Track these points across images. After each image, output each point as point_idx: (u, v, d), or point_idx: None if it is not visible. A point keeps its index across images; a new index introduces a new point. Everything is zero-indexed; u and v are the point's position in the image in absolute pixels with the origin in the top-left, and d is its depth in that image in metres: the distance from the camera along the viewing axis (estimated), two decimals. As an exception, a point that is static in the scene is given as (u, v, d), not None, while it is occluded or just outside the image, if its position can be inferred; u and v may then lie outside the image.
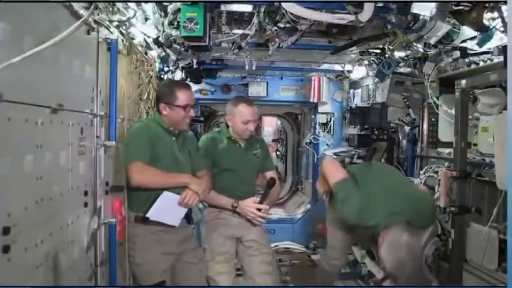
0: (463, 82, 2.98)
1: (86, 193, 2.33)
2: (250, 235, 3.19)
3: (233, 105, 3.13)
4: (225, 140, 3.16)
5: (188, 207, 2.62)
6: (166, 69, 4.19)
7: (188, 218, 2.90)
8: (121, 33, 2.90)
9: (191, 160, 2.81)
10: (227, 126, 3.18)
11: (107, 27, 2.65)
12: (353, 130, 5.62)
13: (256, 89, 6.16)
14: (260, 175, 3.36)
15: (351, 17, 2.72)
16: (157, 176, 2.58)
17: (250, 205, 3.05)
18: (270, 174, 3.31)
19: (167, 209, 2.60)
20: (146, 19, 3.18)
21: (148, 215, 2.57)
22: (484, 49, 3.10)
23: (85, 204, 2.34)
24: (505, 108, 2.75)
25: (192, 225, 3.27)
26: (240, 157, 3.17)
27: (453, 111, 3.29)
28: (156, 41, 3.45)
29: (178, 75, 5.09)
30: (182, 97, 2.68)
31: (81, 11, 2.11)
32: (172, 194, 2.58)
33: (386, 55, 4.05)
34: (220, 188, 3.07)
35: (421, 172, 3.87)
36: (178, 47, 3.63)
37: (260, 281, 3.15)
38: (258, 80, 6.16)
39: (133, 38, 3.17)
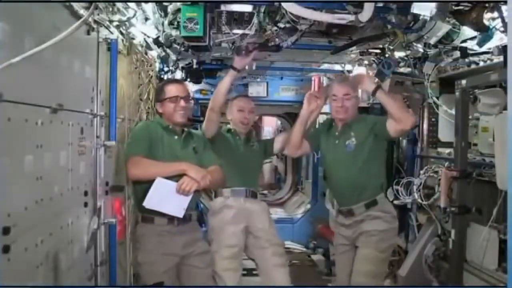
0: (464, 81, 2.98)
1: (86, 193, 2.33)
2: (259, 224, 3.19)
3: (231, 100, 3.44)
4: (228, 134, 3.34)
5: (187, 194, 2.51)
6: (166, 69, 4.19)
7: (199, 220, 2.90)
8: (121, 33, 2.91)
9: (196, 158, 2.79)
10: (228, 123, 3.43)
11: (107, 27, 2.65)
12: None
13: (256, 89, 6.15)
14: (261, 175, 3.44)
15: (351, 17, 2.71)
16: (152, 165, 2.56)
17: None
18: (278, 138, 3.54)
19: (164, 198, 2.50)
20: (146, 19, 3.18)
21: (144, 203, 2.50)
22: (484, 49, 3.09)
23: (85, 204, 2.35)
24: (505, 108, 2.75)
25: (204, 228, 3.27)
26: (240, 150, 3.29)
27: (453, 111, 3.29)
28: (156, 41, 3.45)
29: (178, 75, 5.09)
30: (168, 89, 2.76)
31: (81, 11, 2.11)
32: (167, 181, 2.50)
33: (386, 55, 4.05)
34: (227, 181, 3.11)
35: (421, 172, 3.87)
36: (178, 47, 3.63)
37: (275, 275, 3.14)
38: (258, 80, 6.15)
39: (133, 38, 3.18)
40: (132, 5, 2.80)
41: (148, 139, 2.64)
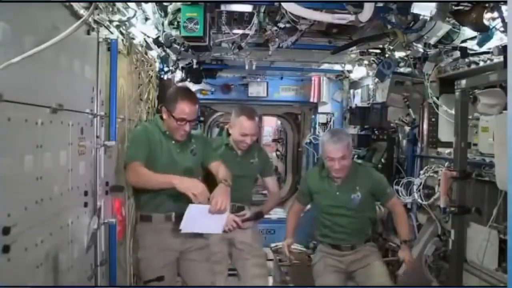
0: (463, 82, 2.98)
1: (86, 193, 2.34)
2: (242, 237, 3.22)
3: (236, 115, 3.17)
4: (223, 146, 3.22)
5: (222, 212, 2.55)
6: (166, 69, 4.19)
7: None
8: (121, 33, 2.91)
9: (195, 160, 2.80)
10: (228, 134, 3.24)
11: (107, 27, 2.65)
12: (353, 130, 5.61)
13: (256, 89, 6.15)
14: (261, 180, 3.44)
15: (351, 17, 2.72)
16: (146, 176, 2.54)
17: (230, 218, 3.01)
18: (268, 180, 3.45)
19: (198, 220, 2.55)
20: (146, 19, 3.18)
21: (180, 227, 2.54)
22: (484, 49, 3.09)
23: (85, 204, 2.35)
24: (505, 108, 2.75)
25: None
26: (235, 164, 3.15)
27: (453, 111, 3.29)
28: (156, 41, 3.45)
29: (178, 75, 5.09)
30: (179, 109, 2.62)
31: (81, 11, 2.11)
32: (199, 205, 2.50)
33: (386, 55, 4.05)
34: None
35: (421, 172, 3.87)
36: (178, 47, 3.63)
37: (254, 284, 3.20)
38: (258, 80, 6.16)
39: (133, 38, 3.17)
40: (132, 5, 2.80)
41: (147, 144, 2.64)
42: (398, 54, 3.97)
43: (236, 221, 3.03)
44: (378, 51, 4.17)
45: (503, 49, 2.71)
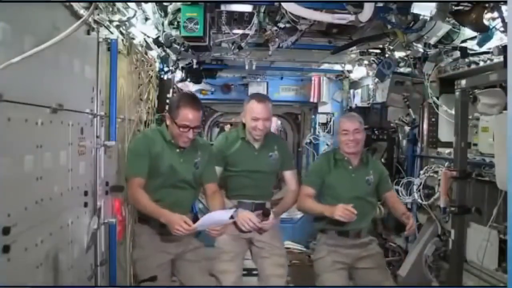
0: (463, 82, 2.98)
1: (86, 193, 2.34)
2: (260, 236, 3.11)
3: (246, 102, 3.04)
4: (239, 140, 3.07)
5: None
6: (166, 69, 4.19)
7: (194, 222, 2.94)
8: (121, 33, 2.91)
9: (197, 172, 2.77)
10: (244, 126, 3.08)
11: (107, 27, 2.65)
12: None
13: (256, 89, 6.14)
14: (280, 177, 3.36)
15: (351, 17, 2.72)
16: (145, 207, 2.54)
17: (246, 216, 2.94)
18: (287, 174, 3.23)
19: (210, 218, 2.56)
20: (146, 19, 3.18)
21: (197, 226, 2.49)
22: (484, 49, 3.09)
23: (85, 204, 2.35)
24: (505, 108, 2.75)
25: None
26: (252, 159, 3.06)
27: (453, 111, 3.29)
28: (156, 41, 3.44)
29: (178, 75, 5.09)
30: (182, 116, 2.58)
31: (81, 11, 2.11)
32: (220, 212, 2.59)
33: (386, 55, 4.05)
34: (234, 191, 3.02)
35: (421, 172, 3.87)
36: (178, 47, 3.63)
37: (271, 283, 3.11)
38: (258, 80, 6.16)
39: (133, 38, 3.18)
40: (132, 5, 2.80)
41: (146, 154, 2.60)
42: (398, 54, 3.97)
43: (256, 224, 2.93)
44: (378, 51, 4.18)
45: (503, 49, 2.71)
